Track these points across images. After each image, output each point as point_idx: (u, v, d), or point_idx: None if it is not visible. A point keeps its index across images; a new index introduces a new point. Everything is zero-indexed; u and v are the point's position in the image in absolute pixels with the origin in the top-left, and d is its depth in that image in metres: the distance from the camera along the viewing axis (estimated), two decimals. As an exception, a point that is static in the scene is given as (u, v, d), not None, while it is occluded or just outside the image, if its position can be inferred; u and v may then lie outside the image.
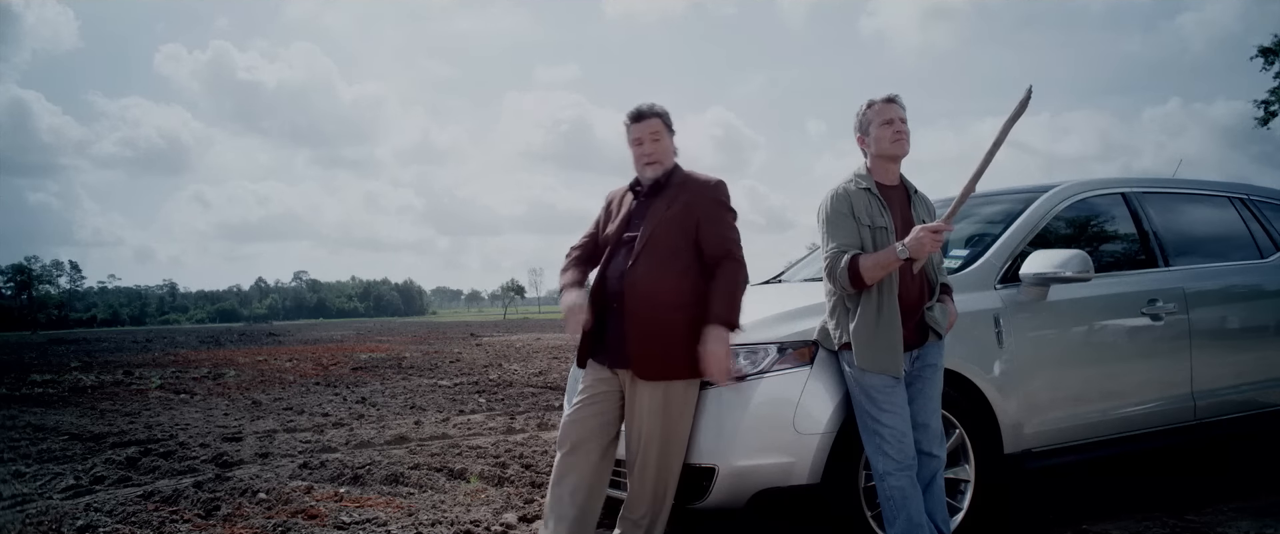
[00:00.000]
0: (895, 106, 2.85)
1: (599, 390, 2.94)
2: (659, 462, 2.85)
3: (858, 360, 2.74)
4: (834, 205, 2.83)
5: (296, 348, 20.31)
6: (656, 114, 2.94)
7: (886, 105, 2.85)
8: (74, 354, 19.65)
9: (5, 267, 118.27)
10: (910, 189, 2.96)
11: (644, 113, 2.93)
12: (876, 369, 2.72)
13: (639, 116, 2.94)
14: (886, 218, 2.80)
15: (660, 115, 2.95)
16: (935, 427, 2.86)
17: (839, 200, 2.83)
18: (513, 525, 3.65)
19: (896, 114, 2.83)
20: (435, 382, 10.53)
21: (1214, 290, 3.92)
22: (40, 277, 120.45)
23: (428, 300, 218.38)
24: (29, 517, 3.87)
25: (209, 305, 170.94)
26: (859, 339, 2.74)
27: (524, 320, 68.36)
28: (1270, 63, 22.58)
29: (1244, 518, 3.49)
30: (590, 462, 2.90)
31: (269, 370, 12.87)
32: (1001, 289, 3.37)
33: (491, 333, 29.72)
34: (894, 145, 2.83)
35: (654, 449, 2.84)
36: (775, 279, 4.61)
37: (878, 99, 2.88)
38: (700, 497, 2.90)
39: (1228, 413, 3.85)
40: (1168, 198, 4.13)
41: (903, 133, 2.82)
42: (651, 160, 2.93)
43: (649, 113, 2.93)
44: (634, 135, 2.95)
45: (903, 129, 2.83)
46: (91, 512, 3.93)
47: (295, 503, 4.02)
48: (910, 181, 2.97)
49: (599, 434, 2.92)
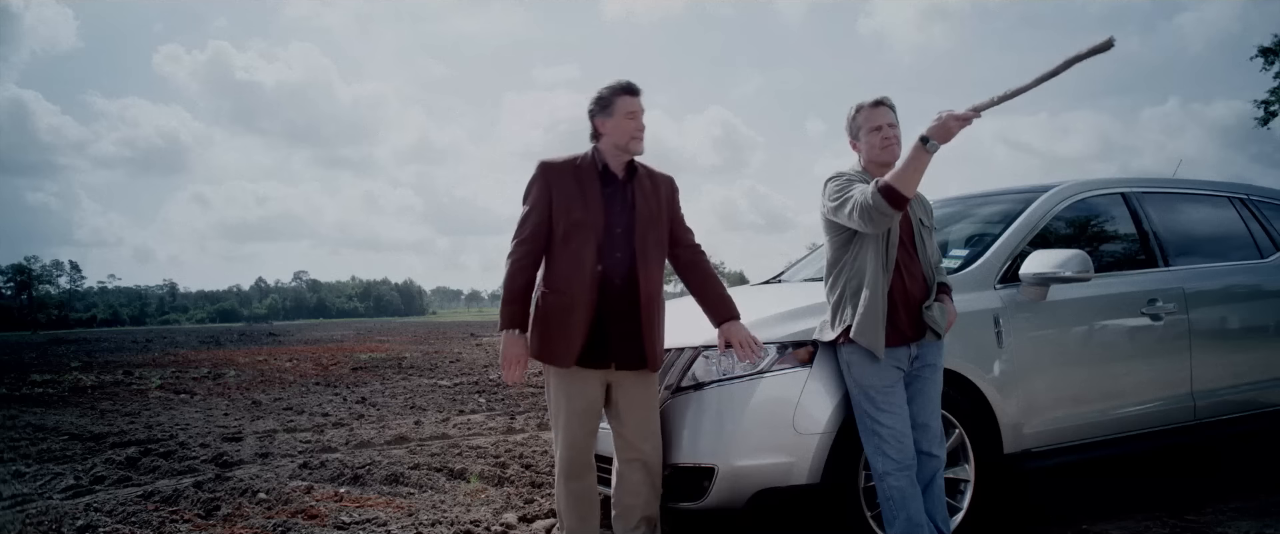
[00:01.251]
0: (883, 111, 2.83)
1: (598, 400, 2.89)
2: (659, 453, 2.90)
3: (854, 333, 2.75)
4: (841, 177, 2.81)
5: (296, 348, 20.31)
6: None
7: (873, 110, 2.83)
8: (74, 354, 19.65)
9: (5, 267, 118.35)
10: None
11: (639, 89, 2.87)
12: (863, 342, 2.72)
13: (638, 91, 2.87)
14: None
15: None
16: (935, 427, 2.86)
17: (842, 175, 2.83)
18: (513, 525, 3.65)
19: (884, 120, 2.81)
20: (435, 382, 10.53)
21: (1214, 290, 3.92)
22: (40, 277, 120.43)
23: (428, 300, 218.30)
24: (29, 517, 3.87)
25: (209, 305, 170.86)
26: (859, 319, 2.75)
27: (524, 320, 68.16)
28: (1270, 63, 22.57)
29: (1244, 518, 3.49)
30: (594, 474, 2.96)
31: (269, 370, 12.87)
32: (1001, 289, 3.37)
33: (491, 333, 29.68)
34: (883, 153, 2.81)
35: (657, 439, 2.89)
36: (775, 279, 4.61)
37: (866, 103, 2.85)
38: (699, 497, 2.89)
39: (1227, 413, 3.84)
40: (1167, 198, 4.13)
41: (891, 139, 2.80)
42: (641, 140, 2.88)
43: (639, 90, 2.89)
44: (632, 108, 2.84)
45: (891, 135, 2.80)
46: (91, 512, 3.93)
47: (295, 503, 4.02)
48: None
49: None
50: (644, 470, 2.87)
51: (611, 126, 2.83)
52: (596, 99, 2.86)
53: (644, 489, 2.87)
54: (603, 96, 2.85)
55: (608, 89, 2.85)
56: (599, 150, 2.89)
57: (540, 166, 2.87)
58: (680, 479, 2.93)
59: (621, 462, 2.91)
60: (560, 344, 2.80)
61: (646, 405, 2.88)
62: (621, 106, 2.82)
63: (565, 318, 2.78)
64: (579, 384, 2.84)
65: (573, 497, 2.89)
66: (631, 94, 2.85)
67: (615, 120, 2.83)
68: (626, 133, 2.83)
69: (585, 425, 2.86)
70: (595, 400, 2.87)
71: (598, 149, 2.90)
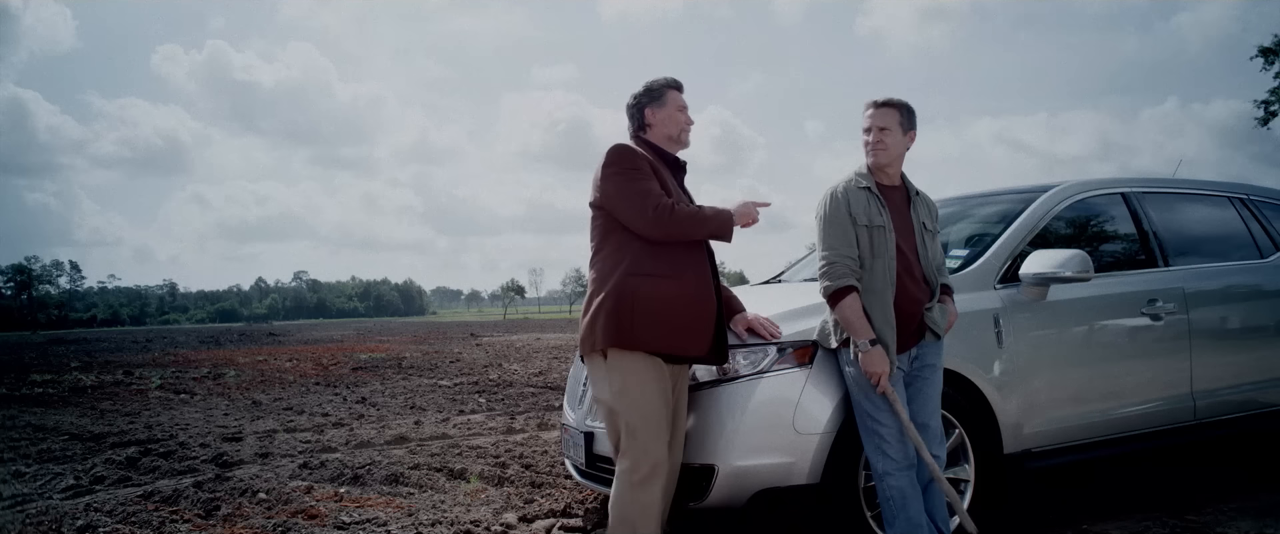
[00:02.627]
0: (872, 113, 2.85)
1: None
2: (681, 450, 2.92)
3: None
4: (831, 207, 2.83)
5: (296, 348, 20.31)
6: None
7: (866, 113, 2.87)
8: (74, 354, 19.66)
9: (6, 267, 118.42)
10: (911, 190, 2.96)
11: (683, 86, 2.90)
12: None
13: (683, 87, 2.89)
14: (884, 217, 2.80)
15: None
16: (935, 427, 2.86)
17: (836, 202, 2.82)
18: (513, 525, 3.65)
19: (872, 123, 2.84)
20: (435, 382, 10.53)
21: (1214, 290, 3.92)
22: (40, 277, 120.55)
23: (428, 300, 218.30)
24: (29, 517, 3.87)
25: (209, 305, 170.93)
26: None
27: (524, 320, 68.34)
28: (1270, 63, 22.60)
29: (1244, 518, 3.49)
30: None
31: (269, 370, 12.87)
32: (1001, 289, 3.37)
33: (491, 333, 29.71)
34: (869, 155, 2.85)
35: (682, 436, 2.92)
36: (775, 279, 4.61)
37: (866, 103, 2.89)
38: (700, 496, 2.89)
39: (1227, 413, 3.85)
40: (1167, 198, 4.13)
41: (877, 143, 2.82)
42: (689, 133, 2.91)
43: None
44: (681, 102, 2.87)
45: (878, 139, 2.82)
46: (91, 512, 3.93)
47: (295, 503, 4.02)
48: (912, 183, 2.97)
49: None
50: (673, 470, 2.86)
51: (663, 117, 2.85)
52: (646, 91, 2.86)
53: (670, 488, 2.86)
54: (653, 88, 2.86)
55: (657, 82, 2.87)
56: (648, 143, 2.87)
57: (636, 151, 2.77)
58: (682, 478, 2.93)
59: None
60: (698, 334, 2.71)
61: (684, 401, 2.90)
62: (672, 99, 2.86)
63: (699, 308, 2.71)
64: (668, 380, 2.75)
65: (653, 503, 2.71)
66: (679, 90, 2.89)
67: (667, 111, 2.85)
68: (678, 124, 2.86)
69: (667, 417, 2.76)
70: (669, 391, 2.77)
71: (647, 141, 2.87)
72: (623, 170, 2.70)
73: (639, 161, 2.72)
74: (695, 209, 2.71)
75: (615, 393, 2.71)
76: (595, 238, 2.80)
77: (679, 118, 2.85)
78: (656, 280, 2.66)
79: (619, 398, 2.70)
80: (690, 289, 2.70)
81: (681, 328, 2.68)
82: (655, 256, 2.68)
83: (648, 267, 2.67)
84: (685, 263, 2.71)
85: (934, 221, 2.97)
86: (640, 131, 2.88)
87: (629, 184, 2.68)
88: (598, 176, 2.76)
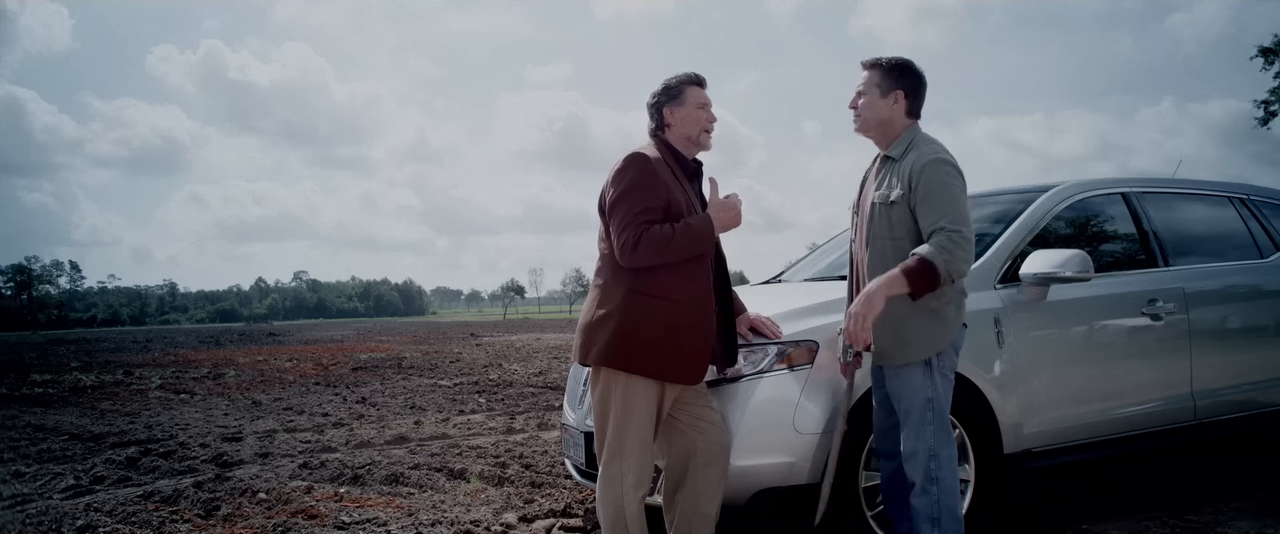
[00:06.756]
0: (861, 77, 2.74)
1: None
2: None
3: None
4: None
5: (296, 348, 20.31)
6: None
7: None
8: (74, 354, 19.66)
9: (6, 267, 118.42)
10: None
11: (706, 81, 2.73)
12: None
13: (706, 82, 2.73)
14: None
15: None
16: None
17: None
18: (513, 525, 3.65)
19: (856, 89, 2.74)
20: (435, 382, 10.53)
21: (1214, 290, 3.92)
22: (40, 277, 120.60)
23: (427, 300, 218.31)
24: (29, 517, 3.87)
25: (209, 305, 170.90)
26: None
27: (524, 320, 68.35)
28: (1270, 63, 22.61)
29: (1244, 518, 3.49)
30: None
31: (269, 370, 12.87)
32: (1001, 289, 3.37)
33: (491, 333, 29.71)
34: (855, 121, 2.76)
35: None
36: (775, 279, 4.61)
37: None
38: (700, 497, 2.89)
39: (1228, 413, 3.85)
40: (1167, 198, 4.13)
41: (856, 106, 2.73)
42: (711, 133, 2.75)
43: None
44: (702, 99, 2.72)
45: (856, 102, 2.72)
46: (91, 512, 3.93)
47: (295, 503, 4.02)
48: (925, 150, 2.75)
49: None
50: (723, 449, 2.82)
51: (682, 116, 2.70)
52: (664, 89, 2.71)
53: (723, 470, 2.82)
54: (671, 86, 2.71)
55: (676, 79, 2.72)
56: (666, 144, 2.73)
57: (649, 161, 2.62)
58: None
59: (675, 474, 2.82)
60: (691, 362, 2.64)
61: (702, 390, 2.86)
62: (692, 97, 2.70)
63: (697, 331, 2.63)
64: (658, 399, 2.67)
65: (639, 508, 2.68)
66: (700, 85, 2.73)
67: (687, 110, 2.69)
68: (698, 124, 2.71)
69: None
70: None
71: (665, 142, 2.73)
72: (620, 190, 2.59)
73: (644, 177, 2.58)
74: (665, 233, 2.53)
75: (604, 406, 2.68)
76: (604, 241, 2.72)
77: (699, 116, 2.70)
78: (656, 302, 2.59)
79: (606, 413, 2.67)
80: (688, 314, 2.60)
81: (677, 357, 2.61)
82: (655, 273, 2.59)
83: (649, 285, 2.59)
84: (685, 281, 2.61)
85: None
86: (660, 131, 2.75)
87: (620, 202, 2.58)
88: (607, 182, 2.69)
